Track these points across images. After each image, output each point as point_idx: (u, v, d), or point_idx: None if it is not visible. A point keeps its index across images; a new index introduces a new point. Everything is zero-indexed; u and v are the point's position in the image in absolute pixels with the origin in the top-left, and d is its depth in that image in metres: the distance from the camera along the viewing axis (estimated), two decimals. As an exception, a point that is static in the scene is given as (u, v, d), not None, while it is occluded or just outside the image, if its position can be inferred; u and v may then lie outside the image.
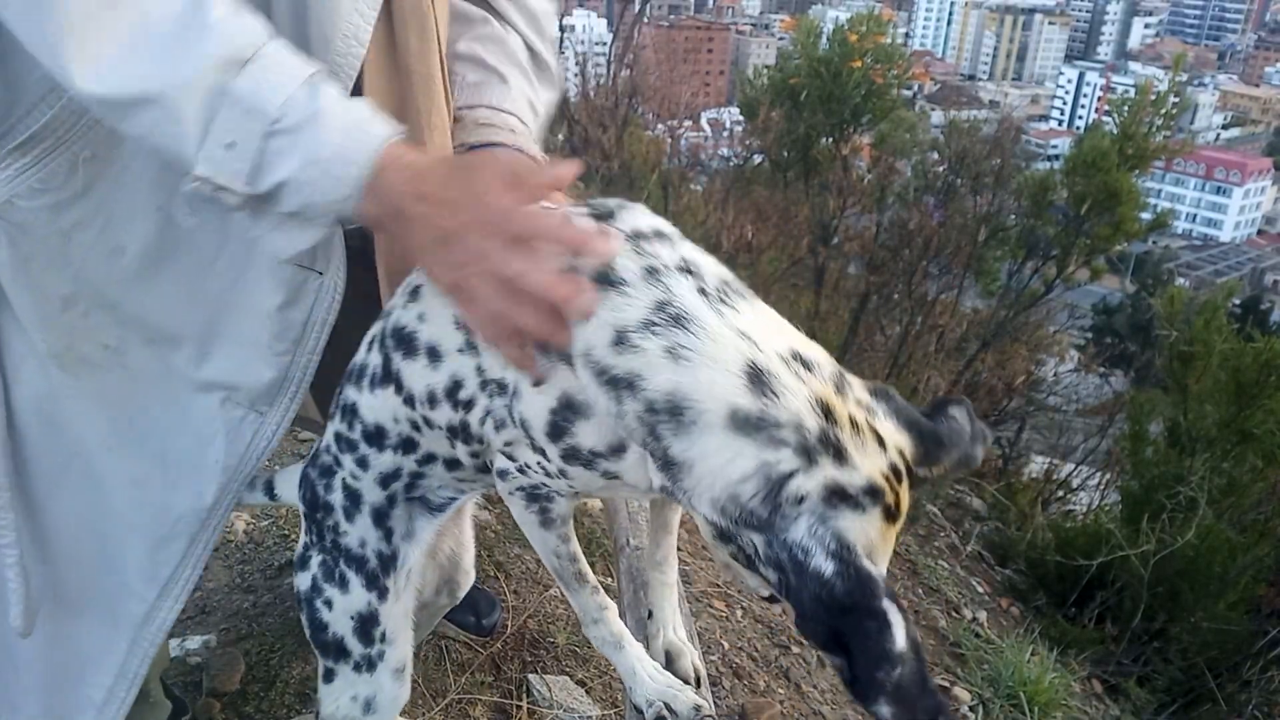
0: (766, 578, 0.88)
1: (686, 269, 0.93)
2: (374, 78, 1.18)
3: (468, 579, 1.53)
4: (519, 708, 1.96)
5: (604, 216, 0.98)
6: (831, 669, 0.84)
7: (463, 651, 2.09)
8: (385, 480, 1.21)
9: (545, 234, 0.92)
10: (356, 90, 1.14)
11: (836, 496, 0.84)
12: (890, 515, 0.87)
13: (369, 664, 1.26)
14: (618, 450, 0.98)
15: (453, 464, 1.18)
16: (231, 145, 0.95)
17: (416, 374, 1.09)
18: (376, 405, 1.17)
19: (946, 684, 2.74)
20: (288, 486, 1.37)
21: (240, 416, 1.28)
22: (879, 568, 0.85)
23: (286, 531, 2.42)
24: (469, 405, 1.07)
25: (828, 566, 0.82)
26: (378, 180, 0.97)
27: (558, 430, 0.99)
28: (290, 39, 1.07)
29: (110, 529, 1.33)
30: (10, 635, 1.39)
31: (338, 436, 1.23)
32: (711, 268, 0.95)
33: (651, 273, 0.91)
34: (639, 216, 0.98)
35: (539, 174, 0.96)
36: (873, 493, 0.86)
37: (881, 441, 0.89)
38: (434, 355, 1.07)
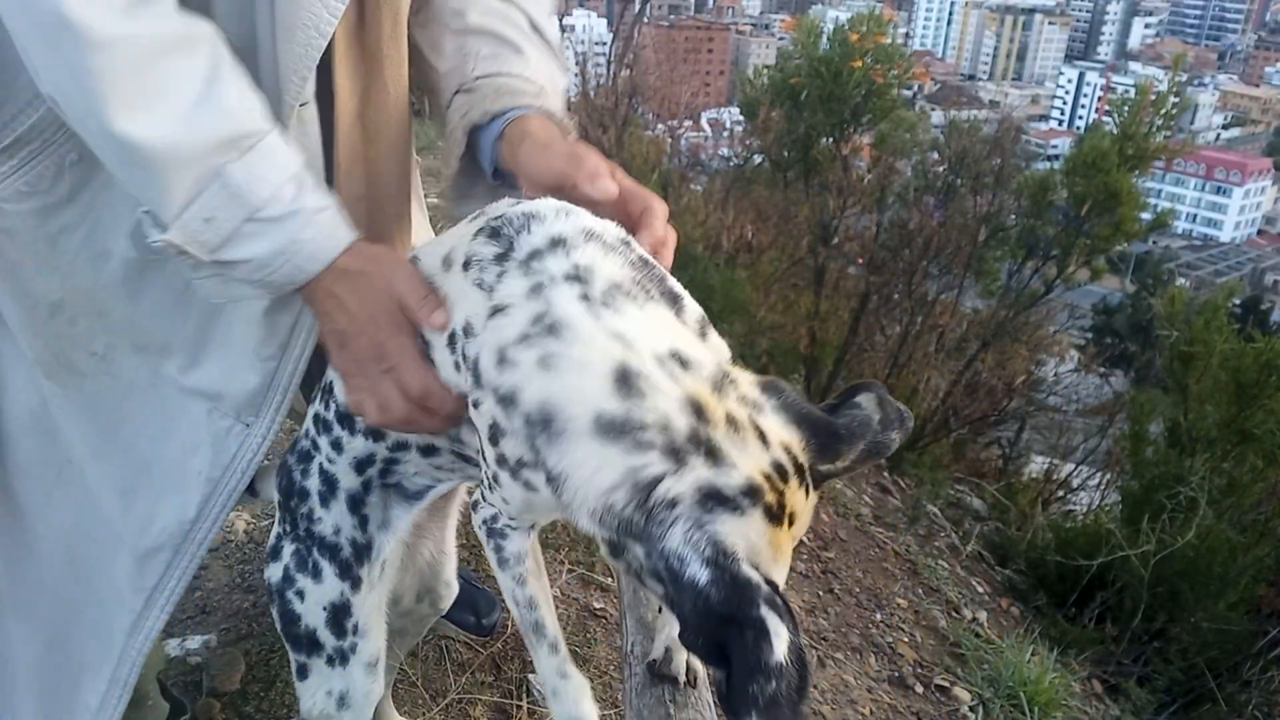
0: (654, 591, 0.85)
1: (575, 276, 0.92)
2: (343, 60, 1.19)
3: (450, 591, 1.51)
4: (519, 708, 1.96)
5: (515, 231, 0.97)
6: (716, 685, 0.80)
7: (463, 651, 2.09)
8: (360, 465, 1.21)
9: (420, 402, 1.05)
10: (325, 69, 1.15)
11: (711, 499, 0.80)
12: (773, 517, 0.83)
13: (341, 657, 1.25)
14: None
15: (429, 450, 1.17)
16: (210, 220, 1.01)
17: None
18: None
19: (946, 684, 2.74)
20: (267, 483, 1.37)
21: (227, 428, 1.27)
22: (771, 573, 0.81)
23: (286, 531, 2.42)
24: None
25: (703, 575, 0.77)
26: (320, 275, 1.08)
27: (494, 437, 0.98)
28: (255, 26, 1.10)
29: (102, 537, 1.33)
30: (6, 640, 1.39)
31: (316, 418, 1.22)
32: (609, 272, 0.93)
33: (535, 289, 0.92)
34: (546, 228, 0.97)
35: (420, 310, 1.04)
36: (751, 493, 0.82)
37: (764, 438, 0.85)
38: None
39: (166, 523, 1.30)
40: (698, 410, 0.84)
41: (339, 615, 1.24)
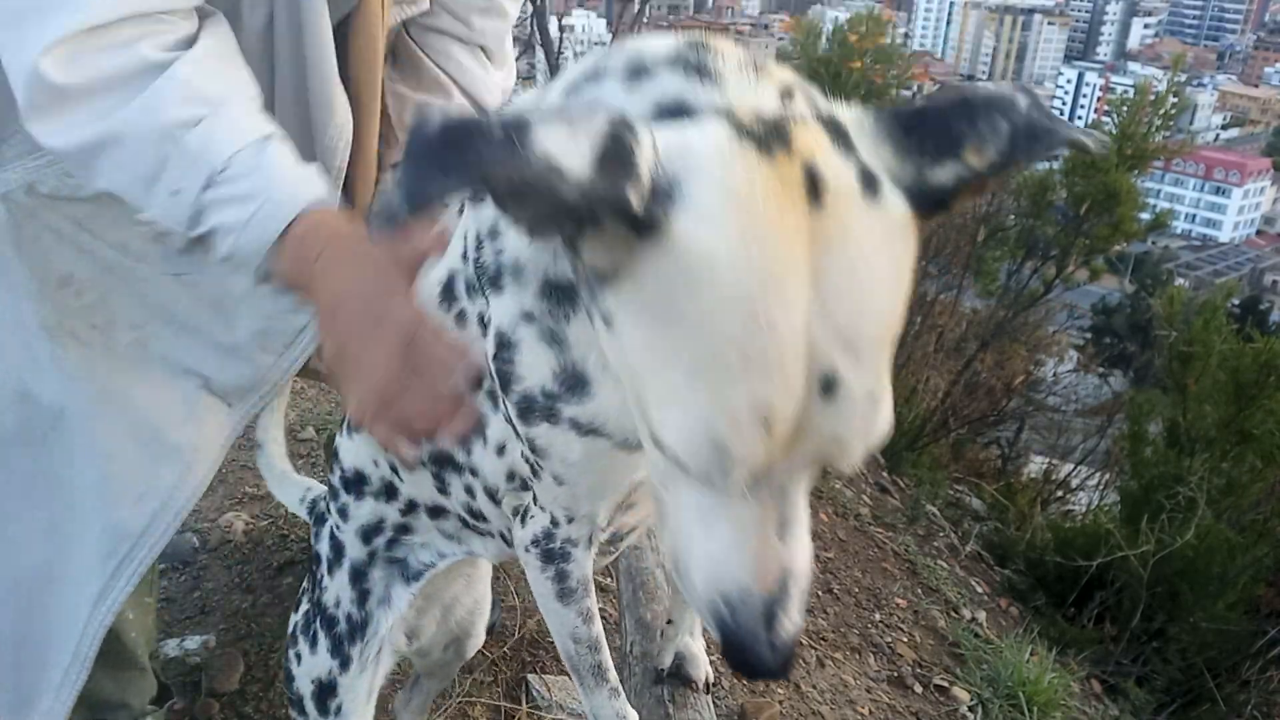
0: None
1: None
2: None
3: (477, 642, 1.50)
4: (519, 708, 1.96)
5: None
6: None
7: (462, 651, 2.08)
8: (367, 534, 1.17)
9: (414, 342, 0.93)
10: None
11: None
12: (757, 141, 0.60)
13: None
14: (576, 384, 0.82)
15: (436, 512, 1.11)
16: (176, 193, 1.01)
17: None
18: (355, 449, 1.13)
19: (945, 684, 2.74)
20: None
21: (209, 406, 1.31)
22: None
23: (286, 531, 2.42)
24: None
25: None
26: (291, 239, 1.01)
27: (504, 377, 0.84)
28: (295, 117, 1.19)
29: (79, 502, 1.34)
30: None
31: (329, 483, 1.21)
32: None
33: None
34: None
35: (410, 249, 0.98)
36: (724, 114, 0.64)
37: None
38: None
39: (143, 490, 1.32)
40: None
41: (324, 694, 1.21)
